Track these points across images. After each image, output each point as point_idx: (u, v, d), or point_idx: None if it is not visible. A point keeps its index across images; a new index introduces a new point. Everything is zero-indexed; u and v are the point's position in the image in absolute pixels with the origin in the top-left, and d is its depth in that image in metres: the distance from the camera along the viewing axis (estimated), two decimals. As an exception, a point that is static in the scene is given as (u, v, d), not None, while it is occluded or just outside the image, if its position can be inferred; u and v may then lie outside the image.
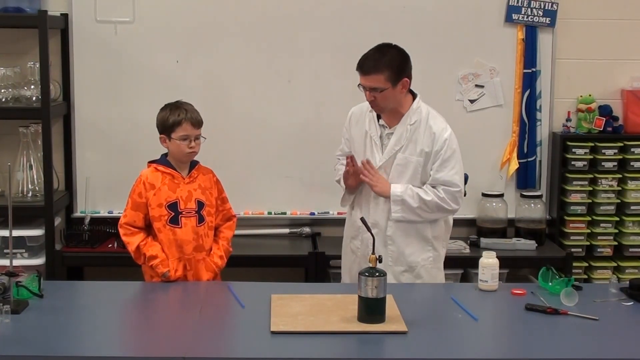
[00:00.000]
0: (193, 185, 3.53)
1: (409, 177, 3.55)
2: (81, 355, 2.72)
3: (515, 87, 4.71)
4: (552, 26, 4.67)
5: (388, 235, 3.58)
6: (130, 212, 3.50)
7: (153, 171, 3.53)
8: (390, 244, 3.59)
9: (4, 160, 4.45)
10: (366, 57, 3.50)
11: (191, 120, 3.48)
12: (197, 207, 3.52)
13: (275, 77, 4.64)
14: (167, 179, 3.51)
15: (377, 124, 3.61)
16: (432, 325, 2.97)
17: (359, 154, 3.63)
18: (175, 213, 3.49)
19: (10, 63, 4.49)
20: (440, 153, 3.51)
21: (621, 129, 4.71)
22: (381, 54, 3.48)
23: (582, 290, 3.24)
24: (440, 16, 4.64)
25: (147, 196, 3.49)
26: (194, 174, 3.55)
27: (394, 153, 3.56)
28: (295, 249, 4.58)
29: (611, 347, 2.81)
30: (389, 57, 3.47)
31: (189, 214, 3.50)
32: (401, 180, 3.55)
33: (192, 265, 3.50)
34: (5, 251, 4.22)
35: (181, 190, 3.51)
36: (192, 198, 3.51)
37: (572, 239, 4.64)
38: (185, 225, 3.49)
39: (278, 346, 2.75)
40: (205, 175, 3.60)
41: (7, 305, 2.91)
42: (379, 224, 3.57)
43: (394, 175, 3.56)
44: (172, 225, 3.48)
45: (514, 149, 4.72)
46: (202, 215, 3.53)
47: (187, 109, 3.51)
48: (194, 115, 3.51)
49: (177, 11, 4.60)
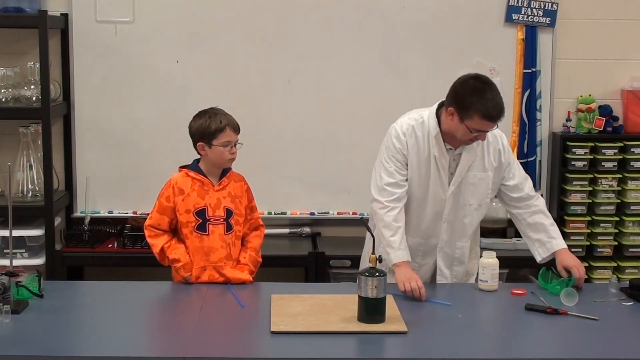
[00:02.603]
0: (223, 193, 3.49)
1: (481, 194, 3.43)
2: (81, 355, 2.73)
3: (515, 87, 4.71)
4: (552, 26, 4.67)
5: (456, 257, 3.51)
6: (156, 214, 3.47)
7: (183, 176, 3.48)
8: (456, 264, 3.52)
9: (4, 160, 4.45)
10: (499, 106, 3.20)
11: (233, 126, 3.45)
12: (225, 215, 3.47)
13: (275, 77, 4.64)
14: (197, 185, 3.46)
15: (444, 148, 3.35)
16: (432, 325, 2.97)
17: (418, 179, 3.38)
18: (203, 220, 3.44)
19: (10, 63, 4.49)
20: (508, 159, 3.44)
21: (621, 129, 4.71)
22: (498, 95, 3.23)
23: (582, 290, 3.24)
24: (440, 16, 4.64)
25: (176, 201, 3.45)
26: (224, 182, 3.50)
27: (465, 174, 3.39)
28: (295, 249, 4.58)
29: (611, 347, 2.81)
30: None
31: (217, 221, 3.46)
32: (474, 199, 3.42)
33: (226, 273, 3.44)
34: (5, 251, 4.22)
35: (210, 197, 3.46)
36: (220, 206, 3.47)
37: (572, 239, 4.63)
38: (212, 233, 3.45)
39: (278, 346, 2.75)
40: (237, 183, 3.54)
41: (7, 305, 2.91)
42: (444, 248, 3.48)
43: (466, 197, 3.41)
44: (200, 232, 3.44)
45: (514, 149, 4.72)
46: (231, 224, 3.48)
47: (226, 115, 3.47)
48: (234, 121, 3.47)
49: (177, 11, 4.60)
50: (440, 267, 3.50)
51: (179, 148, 4.66)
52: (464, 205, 3.43)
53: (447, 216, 3.43)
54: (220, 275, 3.43)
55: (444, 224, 3.45)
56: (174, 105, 4.65)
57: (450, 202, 3.41)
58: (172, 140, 4.61)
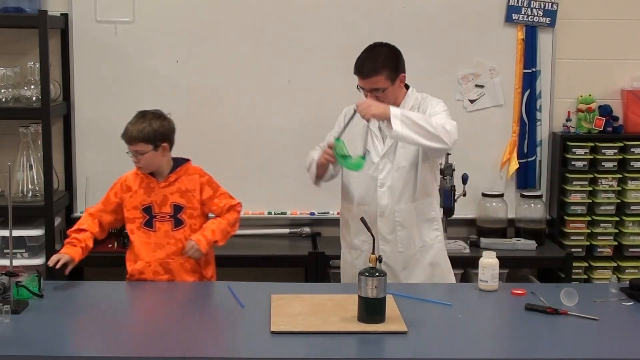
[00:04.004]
0: (170, 189, 3.52)
1: (412, 154, 3.56)
2: (81, 355, 2.73)
3: (515, 87, 4.71)
4: (552, 26, 4.67)
5: (397, 221, 3.59)
6: (100, 205, 3.58)
7: (133, 174, 3.57)
8: (399, 229, 3.60)
9: (4, 160, 4.45)
10: (363, 60, 3.53)
11: (127, 137, 3.52)
12: (172, 212, 3.51)
13: (275, 77, 4.64)
14: (144, 182, 3.53)
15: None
16: (432, 325, 2.97)
17: (360, 148, 3.62)
18: (149, 217, 3.50)
19: (10, 63, 4.49)
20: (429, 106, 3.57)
21: (621, 129, 4.71)
22: (376, 55, 3.51)
23: (581, 290, 3.21)
24: (440, 16, 4.64)
25: (123, 197, 3.54)
26: (171, 178, 3.52)
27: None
28: (295, 249, 4.58)
29: (611, 347, 2.81)
30: (384, 57, 3.50)
31: (163, 218, 3.50)
32: (407, 161, 3.56)
33: (172, 269, 3.49)
34: (5, 251, 4.22)
35: (156, 195, 3.51)
36: (167, 202, 3.51)
37: (572, 239, 4.64)
38: (159, 230, 3.50)
39: (278, 346, 2.75)
40: (189, 177, 3.56)
41: (7, 305, 2.91)
42: (385, 212, 3.58)
43: (399, 160, 3.56)
44: (147, 229, 3.51)
45: (514, 149, 4.72)
46: (181, 219, 3.51)
47: (133, 124, 3.52)
48: (132, 131, 3.51)
49: (177, 11, 4.60)
50: (383, 234, 3.58)
51: (178, 148, 4.67)
52: (398, 168, 3.55)
53: (383, 180, 3.56)
54: (166, 272, 3.48)
55: (380, 188, 3.57)
56: (174, 105, 4.63)
57: (382, 165, 3.57)
58: (172, 140, 4.61)
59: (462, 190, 4.44)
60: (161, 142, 3.48)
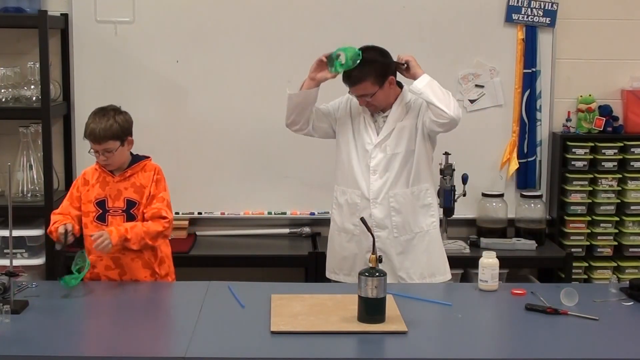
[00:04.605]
0: (125, 184, 3.50)
1: (407, 141, 3.63)
2: (81, 355, 2.73)
3: (515, 87, 4.71)
4: (552, 26, 4.67)
5: (392, 207, 3.63)
6: (65, 202, 3.57)
7: (92, 169, 3.57)
8: (394, 215, 3.64)
9: (4, 160, 4.45)
10: (346, 74, 3.58)
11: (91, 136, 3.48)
12: (125, 206, 3.49)
13: (275, 77, 4.63)
14: (101, 177, 3.52)
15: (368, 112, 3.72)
16: (432, 325, 2.97)
17: (353, 131, 3.70)
18: (102, 211, 3.50)
19: (10, 63, 4.49)
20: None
21: (621, 129, 4.71)
22: (362, 62, 3.53)
23: (581, 290, 3.21)
24: (440, 16, 4.64)
25: (81, 191, 3.54)
26: (127, 173, 3.51)
27: (392, 129, 3.64)
28: (295, 249, 4.58)
29: (611, 347, 2.81)
30: (369, 63, 3.54)
31: (116, 212, 3.49)
32: (402, 147, 3.63)
33: (123, 264, 3.48)
34: (5, 251, 4.22)
35: (110, 189, 3.50)
36: (121, 197, 3.50)
37: (572, 239, 4.64)
38: (111, 224, 3.47)
39: (278, 346, 2.75)
40: (145, 173, 3.54)
41: (7, 305, 2.91)
42: (378, 198, 3.63)
43: (393, 147, 3.63)
44: (99, 223, 3.49)
45: (514, 149, 4.72)
46: (134, 214, 3.49)
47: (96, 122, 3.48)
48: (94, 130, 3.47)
49: (177, 11, 4.60)
50: (377, 220, 3.63)
51: (178, 148, 4.68)
52: (392, 155, 3.62)
53: (375, 167, 3.62)
54: (117, 267, 3.48)
55: (373, 175, 3.63)
56: (174, 105, 4.66)
57: (375, 153, 3.64)
58: (171, 140, 4.62)
59: (462, 190, 4.44)
60: (126, 136, 3.49)
